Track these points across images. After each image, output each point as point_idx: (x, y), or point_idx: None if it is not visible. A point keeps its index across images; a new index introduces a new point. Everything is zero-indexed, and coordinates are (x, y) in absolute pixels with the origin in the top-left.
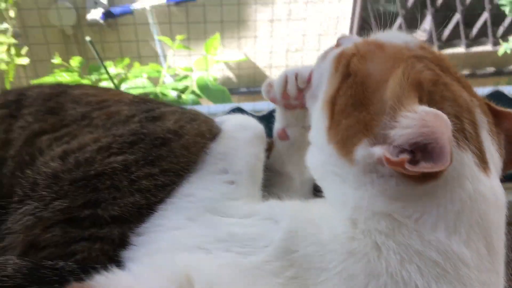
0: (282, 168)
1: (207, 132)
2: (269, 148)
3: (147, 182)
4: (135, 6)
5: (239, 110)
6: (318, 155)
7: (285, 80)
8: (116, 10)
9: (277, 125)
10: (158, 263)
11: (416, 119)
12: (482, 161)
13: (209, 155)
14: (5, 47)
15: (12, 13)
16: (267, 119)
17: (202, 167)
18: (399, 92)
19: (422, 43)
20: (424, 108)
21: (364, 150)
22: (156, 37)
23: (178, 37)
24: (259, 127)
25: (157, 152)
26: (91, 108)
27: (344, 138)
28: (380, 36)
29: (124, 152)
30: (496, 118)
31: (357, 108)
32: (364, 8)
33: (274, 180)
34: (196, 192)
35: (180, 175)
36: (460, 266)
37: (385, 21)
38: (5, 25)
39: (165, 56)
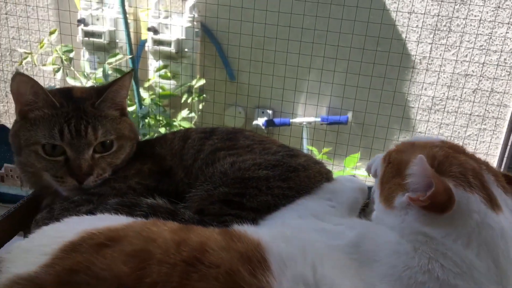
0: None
1: (325, 174)
2: (367, 205)
3: (277, 190)
4: (294, 120)
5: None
6: (376, 212)
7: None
8: (277, 120)
9: (373, 189)
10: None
11: (413, 167)
12: (491, 203)
13: (322, 188)
14: None
15: (200, 107)
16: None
17: (316, 193)
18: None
19: (443, 140)
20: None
21: (399, 199)
22: (305, 146)
23: (324, 150)
24: (363, 184)
25: (289, 174)
26: (253, 142)
27: (387, 196)
28: (412, 138)
29: (268, 169)
30: None
31: (394, 177)
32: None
33: None
34: (308, 204)
35: (300, 193)
36: (473, 270)
37: None
38: (192, 114)
39: None
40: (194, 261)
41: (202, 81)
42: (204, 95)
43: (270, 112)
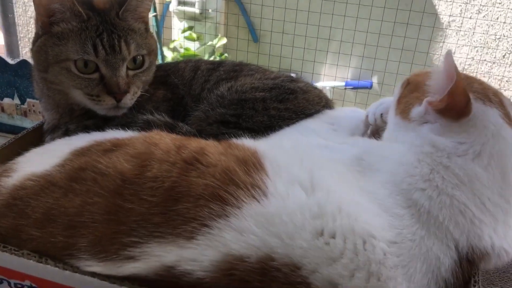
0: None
1: (324, 99)
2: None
3: (274, 111)
4: (318, 84)
5: None
6: (389, 129)
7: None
8: None
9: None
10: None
11: (437, 68)
12: (509, 119)
13: (324, 114)
14: None
15: None
16: None
17: (317, 117)
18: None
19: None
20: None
21: (416, 109)
22: None
23: None
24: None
25: (286, 96)
26: (256, 72)
27: (404, 108)
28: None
29: (265, 91)
30: None
31: (412, 92)
32: None
33: None
34: (309, 125)
35: (298, 115)
36: (475, 182)
37: None
38: None
39: None
40: (193, 160)
41: (224, 41)
42: (226, 55)
43: (293, 75)
